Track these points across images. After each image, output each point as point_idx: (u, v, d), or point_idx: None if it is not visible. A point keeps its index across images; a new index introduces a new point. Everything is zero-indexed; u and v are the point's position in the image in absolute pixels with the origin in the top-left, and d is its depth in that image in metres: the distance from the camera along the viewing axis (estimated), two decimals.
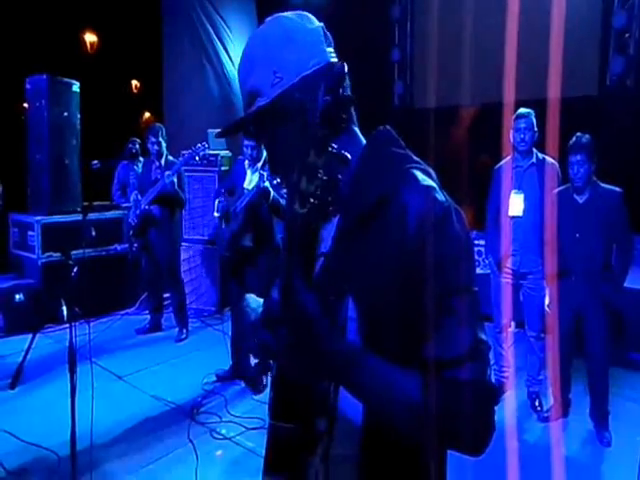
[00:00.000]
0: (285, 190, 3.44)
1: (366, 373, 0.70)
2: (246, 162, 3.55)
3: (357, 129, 0.87)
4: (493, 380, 0.74)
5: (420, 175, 0.78)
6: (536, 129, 3.13)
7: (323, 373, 0.72)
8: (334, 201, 0.60)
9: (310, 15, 0.85)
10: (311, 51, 0.80)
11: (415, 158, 0.83)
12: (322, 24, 0.85)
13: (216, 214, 3.63)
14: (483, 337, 0.72)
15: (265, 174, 3.26)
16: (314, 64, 0.79)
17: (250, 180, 3.46)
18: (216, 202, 3.60)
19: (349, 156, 0.62)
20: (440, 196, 0.75)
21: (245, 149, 3.49)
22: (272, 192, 3.26)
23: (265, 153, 3.54)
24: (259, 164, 3.49)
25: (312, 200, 0.60)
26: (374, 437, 0.76)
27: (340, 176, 0.60)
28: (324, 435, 0.79)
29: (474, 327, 0.72)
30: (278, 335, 0.65)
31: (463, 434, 0.69)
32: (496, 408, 0.73)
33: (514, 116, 3.14)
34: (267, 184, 3.23)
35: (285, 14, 0.84)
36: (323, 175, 0.60)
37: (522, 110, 3.14)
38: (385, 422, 0.74)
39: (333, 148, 0.60)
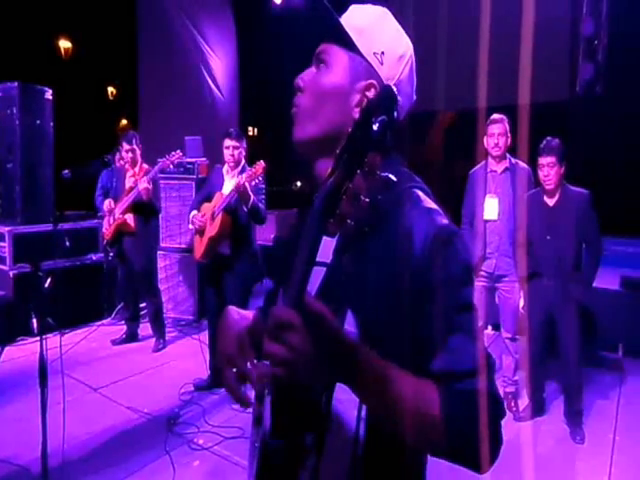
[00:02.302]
0: (263, 197, 3.44)
1: (382, 376, 0.68)
2: (224, 168, 3.54)
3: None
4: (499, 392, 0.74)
5: (423, 196, 0.81)
6: (509, 134, 3.19)
7: (338, 375, 0.69)
8: (369, 222, 0.59)
9: None
10: (408, 77, 0.86)
11: (415, 177, 0.85)
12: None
13: (191, 227, 3.59)
14: (488, 351, 0.74)
15: (244, 176, 3.23)
16: (388, 81, 0.83)
17: (228, 186, 3.44)
18: (191, 215, 3.56)
19: (394, 179, 0.61)
20: (444, 219, 0.78)
21: (226, 150, 3.45)
22: (252, 196, 3.24)
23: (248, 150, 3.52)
24: (238, 169, 3.47)
25: (349, 221, 0.59)
26: (368, 449, 0.77)
27: (380, 197, 0.59)
28: (314, 450, 0.78)
29: (480, 341, 0.74)
30: (291, 342, 0.61)
31: (476, 447, 0.68)
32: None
33: (487, 121, 3.20)
34: (247, 186, 3.20)
35: None
36: (365, 197, 0.59)
37: (495, 116, 3.20)
38: (386, 430, 0.73)
39: (380, 171, 0.59)
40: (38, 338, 2.19)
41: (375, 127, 0.58)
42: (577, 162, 4.53)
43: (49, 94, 4.94)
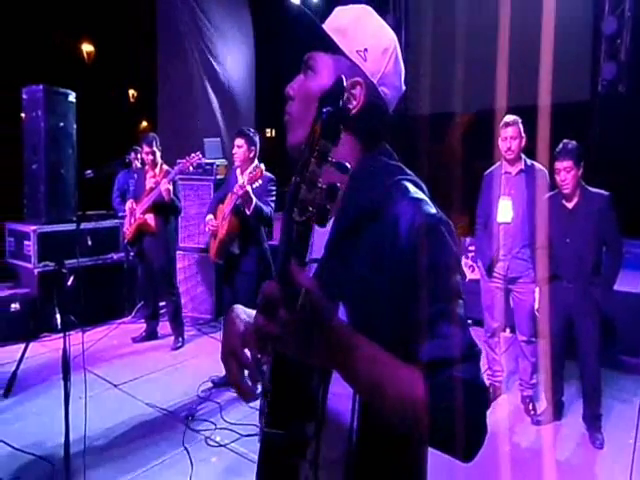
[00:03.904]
0: (272, 198, 3.47)
1: (365, 355, 0.69)
2: (238, 170, 3.59)
3: (361, 141, 0.87)
4: (485, 382, 0.74)
5: (411, 187, 0.82)
6: (523, 135, 3.15)
7: (323, 353, 0.68)
8: (332, 209, 0.62)
9: None
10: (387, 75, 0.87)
11: (407, 170, 0.87)
12: None
13: (207, 229, 3.66)
14: (475, 340, 0.75)
15: (246, 178, 3.28)
16: (373, 76, 0.85)
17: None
18: (207, 219, 3.62)
19: (349, 165, 0.63)
20: (431, 208, 0.78)
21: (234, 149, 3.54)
22: (254, 199, 3.29)
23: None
24: (250, 168, 3.50)
25: (311, 208, 0.61)
26: (361, 439, 0.78)
27: (339, 184, 0.62)
28: (313, 440, 0.80)
29: (467, 330, 0.74)
30: (278, 318, 0.63)
31: (457, 434, 0.69)
32: (489, 412, 0.73)
33: (501, 124, 3.17)
34: (249, 189, 3.23)
35: None
36: (323, 184, 0.61)
37: (508, 118, 3.16)
38: (376, 419, 0.74)
39: (332, 158, 0.62)
40: (61, 334, 2.25)
41: (324, 117, 0.61)
42: (599, 163, 4.46)
43: (72, 97, 5.06)
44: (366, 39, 0.85)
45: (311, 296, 0.63)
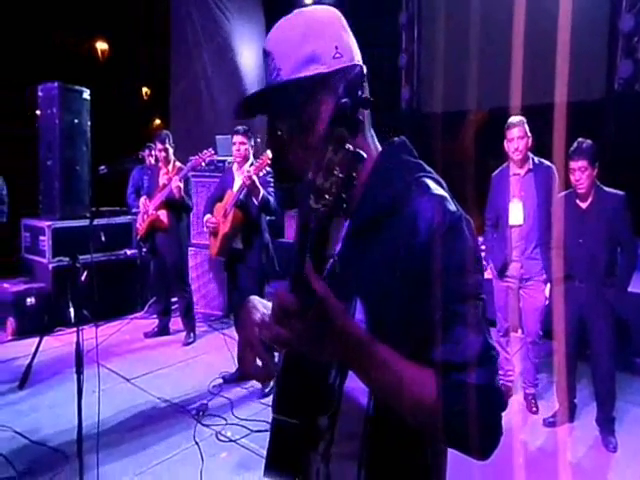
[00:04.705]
0: (272, 189, 3.50)
1: (379, 358, 0.70)
2: (234, 166, 3.60)
3: (372, 133, 0.88)
4: (500, 386, 0.74)
5: (432, 184, 0.80)
6: (529, 135, 3.11)
7: (336, 357, 0.71)
8: (348, 198, 0.62)
9: None
10: (354, 46, 0.84)
11: (427, 168, 0.85)
12: None
13: (205, 229, 3.68)
14: (492, 343, 0.73)
15: (251, 168, 3.29)
16: (353, 59, 0.82)
17: (238, 182, 3.52)
18: (205, 218, 3.64)
19: (364, 155, 0.63)
20: (451, 205, 0.77)
21: (233, 146, 3.55)
22: (261, 189, 3.29)
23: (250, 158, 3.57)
24: (247, 165, 3.51)
25: (327, 197, 0.61)
26: (376, 435, 0.78)
27: (355, 174, 0.62)
28: (326, 432, 0.81)
29: (483, 333, 0.73)
30: (291, 326, 0.65)
31: (470, 436, 0.69)
32: (503, 413, 0.73)
33: (505, 126, 3.13)
34: (255, 179, 3.25)
35: None
36: (339, 172, 0.61)
37: (512, 119, 3.12)
38: (391, 415, 0.74)
39: (350, 146, 0.61)
40: (75, 329, 2.28)
41: (340, 106, 0.63)
42: (614, 162, 4.40)
43: (87, 94, 5.12)
44: (329, 40, 0.81)
45: (323, 303, 0.64)
